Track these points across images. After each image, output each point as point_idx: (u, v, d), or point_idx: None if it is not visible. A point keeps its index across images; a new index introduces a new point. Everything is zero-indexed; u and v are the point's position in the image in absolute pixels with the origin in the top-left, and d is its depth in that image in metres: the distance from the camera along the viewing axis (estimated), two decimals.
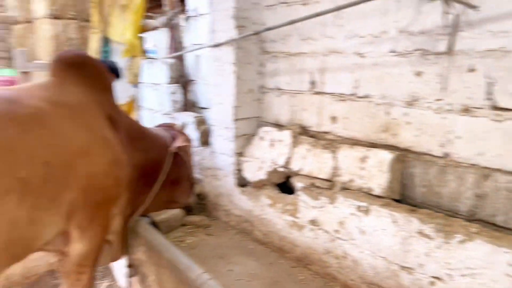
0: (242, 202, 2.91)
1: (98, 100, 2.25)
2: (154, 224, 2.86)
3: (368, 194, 2.13)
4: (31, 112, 1.95)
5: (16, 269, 3.07)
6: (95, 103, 2.23)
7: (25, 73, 4.23)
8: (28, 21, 5.15)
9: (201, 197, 3.35)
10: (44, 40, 4.75)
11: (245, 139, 2.97)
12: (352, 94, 2.40)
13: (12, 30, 5.36)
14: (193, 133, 3.26)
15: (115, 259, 2.66)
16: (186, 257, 2.25)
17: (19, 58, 4.19)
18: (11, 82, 4.35)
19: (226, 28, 2.88)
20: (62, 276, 2.26)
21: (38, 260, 3.17)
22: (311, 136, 2.64)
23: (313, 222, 2.38)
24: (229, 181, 3.03)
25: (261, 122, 3.04)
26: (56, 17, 4.65)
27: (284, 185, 2.72)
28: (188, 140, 2.91)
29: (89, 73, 2.30)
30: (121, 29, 4.25)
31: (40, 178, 1.87)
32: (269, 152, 2.75)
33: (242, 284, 2.29)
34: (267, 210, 2.70)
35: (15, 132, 1.83)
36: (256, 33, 2.64)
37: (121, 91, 3.66)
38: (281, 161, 2.64)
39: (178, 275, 2.19)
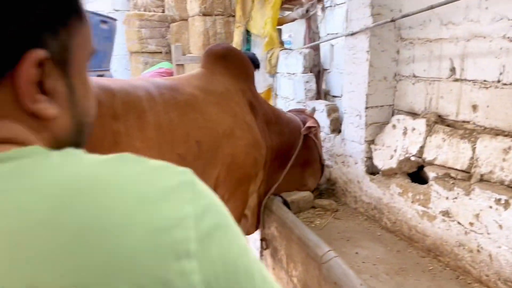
0: (372, 190, 2.94)
1: (241, 88, 2.51)
2: (286, 204, 3.07)
3: (509, 187, 2.00)
4: (187, 99, 2.30)
5: None
6: (239, 91, 2.50)
7: (180, 65, 4.83)
8: (183, 19, 5.83)
9: (331, 182, 3.46)
10: (196, 35, 5.34)
11: (376, 127, 2.98)
12: (496, 81, 2.24)
13: (170, 27, 6.13)
14: (324, 120, 3.38)
15: (249, 232, 2.94)
16: (315, 235, 2.40)
17: (175, 52, 4.80)
18: (169, 74, 5.00)
19: (362, 16, 2.91)
20: None
21: None
22: (448, 125, 2.54)
23: (446, 213, 2.31)
24: (359, 168, 3.08)
25: (394, 110, 3.01)
26: (205, 14, 5.17)
27: (415, 174, 2.67)
28: (317, 123, 3.03)
29: (234, 64, 2.58)
30: (261, 23, 4.56)
31: (193, 154, 2.20)
32: (401, 141, 2.73)
33: (368, 267, 2.35)
34: (397, 199, 2.69)
35: (175, 115, 2.18)
36: (393, 20, 2.62)
37: (260, 80, 3.97)
38: (414, 150, 2.60)
39: (307, 251, 2.35)
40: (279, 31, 4.86)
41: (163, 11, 6.38)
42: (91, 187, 0.40)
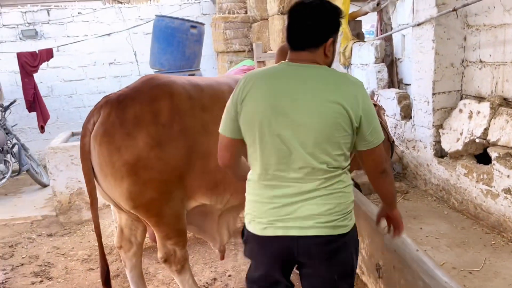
0: (440, 172, 3.09)
1: None
2: (356, 185, 3.33)
3: None
4: None
5: None
6: None
7: (261, 62, 5.25)
8: (264, 19, 6.25)
9: (403, 167, 3.64)
10: (275, 33, 5.73)
11: (444, 112, 3.12)
12: None
13: (252, 27, 6.61)
14: (394, 107, 3.57)
15: None
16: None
17: (256, 50, 5.24)
18: (251, 70, 5.47)
19: (427, 7, 3.06)
20: None
21: None
22: None
23: (508, 191, 2.43)
24: (428, 152, 3.24)
25: (462, 95, 3.12)
26: (284, 13, 5.53)
27: (482, 156, 2.79)
28: (379, 106, 3.21)
29: None
30: None
31: None
32: (467, 124, 2.85)
33: (430, 240, 2.56)
34: (462, 179, 2.83)
35: None
36: (454, 10, 2.76)
37: None
38: (478, 132, 2.73)
39: (371, 224, 2.62)
40: (359, 23, 5.08)
41: (246, 12, 6.86)
42: (341, 74, 1.56)
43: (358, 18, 5.15)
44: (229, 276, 3.27)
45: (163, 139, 2.29)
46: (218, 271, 3.37)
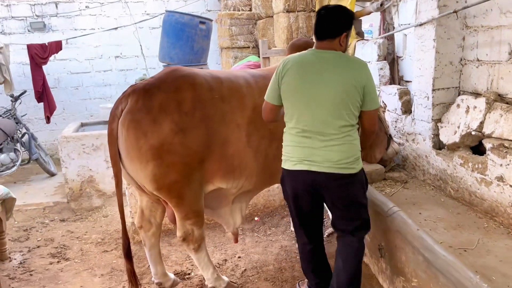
0: (437, 163, 3.31)
1: None
2: None
3: None
4: None
5: (260, 200, 4.26)
6: None
7: (266, 58, 5.45)
8: (269, 16, 6.44)
9: (403, 159, 3.86)
10: (280, 30, 5.92)
11: (442, 107, 3.34)
12: None
13: (257, 24, 6.80)
14: (395, 103, 3.78)
15: None
16: (382, 195, 2.88)
17: (261, 47, 5.43)
18: (256, 66, 5.64)
19: (429, 8, 3.28)
20: None
21: (275, 196, 4.29)
22: (507, 103, 2.85)
23: (500, 178, 2.65)
24: (427, 144, 3.45)
25: (460, 92, 3.34)
26: (289, 10, 5.72)
27: (476, 148, 3.01)
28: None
29: None
30: None
31: (282, 129, 2.80)
32: (464, 118, 3.07)
33: (428, 223, 2.77)
34: (459, 169, 3.05)
35: (260, 99, 2.79)
36: (455, 11, 2.97)
37: None
38: (475, 125, 2.94)
39: (374, 208, 2.84)
40: (359, 22, 5.27)
41: (251, 9, 7.04)
42: (351, 57, 2.32)
43: (359, 18, 5.35)
44: (239, 257, 3.49)
45: (186, 126, 2.49)
46: (228, 253, 3.58)
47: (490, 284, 2.03)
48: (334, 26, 2.24)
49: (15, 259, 3.75)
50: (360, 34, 5.06)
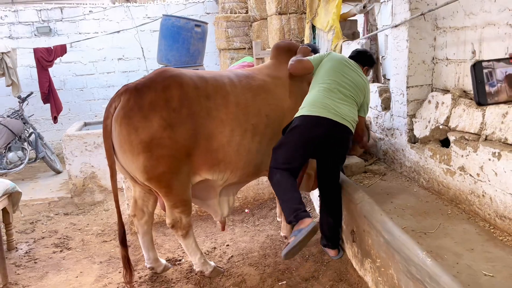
0: (412, 156, 3.53)
1: (302, 76, 3.28)
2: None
3: (503, 143, 2.53)
4: (259, 84, 3.14)
5: (250, 193, 4.50)
6: (298, 77, 3.27)
7: (259, 58, 5.69)
8: (263, 18, 6.69)
9: (383, 153, 4.08)
10: (273, 32, 6.17)
11: (416, 103, 3.55)
12: None
13: (252, 26, 7.04)
14: (376, 100, 4.00)
15: (312, 188, 3.67)
16: (354, 184, 3.11)
17: (255, 48, 5.68)
18: (250, 67, 5.90)
19: (402, 11, 3.49)
20: None
21: (264, 189, 4.53)
22: (471, 99, 3.06)
23: (462, 168, 2.87)
24: (403, 139, 3.67)
25: (433, 89, 3.56)
26: (281, 13, 5.97)
27: (446, 140, 3.22)
28: None
29: (295, 55, 3.35)
30: (325, 18, 5.22)
31: (264, 124, 3.04)
32: (434, 113, 3.29)
33: (397, 211, 3.00)
34: (429, 161, 3.27)
35: (249, 96, 3.03)
36: (422, 14, 3.19)
37: None
38: (442, 120, 3.16)
39: (348, 197, 3.07)
40: (354, 22, 5.51)
41: (247, 12, 7.29)
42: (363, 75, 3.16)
43: (354, 18, 5.57)
44: (227, 245, 3.73)
45: (173, 121, 2.72)
46: (217, 242, 3.83)
47: (440, 261, 2.26)
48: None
49: (21, 249, 4.03)
50: (356, 35, 5.30)
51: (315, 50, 3.64)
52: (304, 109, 2.87)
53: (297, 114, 2.89)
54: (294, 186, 2.78)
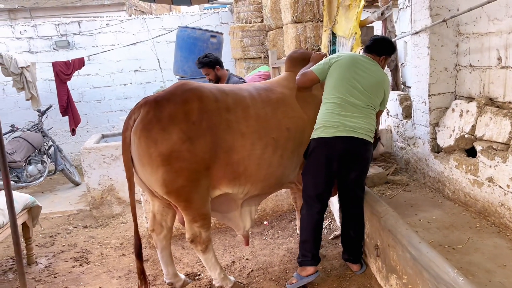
0: (436, 165, 3.43)
1: (318, 85, 3.21)
2: None
3: None
4: (278, 96, 3.09)
5: (269, 205, 4.43)
6: (315, 87, 3.21)
7: (276, 68, 5.65)
8: (278, 27, 6.66)
9: (405, 162, 3.97)
10: (289, 41, 6.13)
11: (439, 111, 3.45)
12: None
13: (268, 35, 7.02)
14: (396, 108, 3.91)
15: (332, 194, 3.56)
16: (377, 196, 3.02)
17: (271, 57, 5.64)
18: (267, 76, 5.87)
19: (423, 17, 3.41)
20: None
21: (283, 201, 4.46)
22: (498, 107, 2.95)
23: (490, 179, 2.76)
24: (426, 148, 3.57)
25: (456, 96, 3.45)
26: (297, 21, 5.92)
27: (471, 150, 3.11)
28: None
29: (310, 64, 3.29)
30: (346, 25, 5.16)
31: (285, 138, 2.98)
32: (458, 122, 3.19)
33: (423, 224, 2.90)
34: (454, 171, 3.16)
35: (269, 109, 2.98)
36: (444, 21, 3.10)
37: None
38: (467, 128, 3.06)
39: (370, 209, 2.99)
40: (371, 29, 5.42)
41: (262, 21, 7.28)
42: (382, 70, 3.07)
43: (371, 25, 5.49)
44: (247, 259, 3.67)
45: (193, 134, 2.68)
46: (236, 256, 3.76)
47: (472, 278, 2.16)
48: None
49: (41, 263, 4.04)
50: None
51: None
52: (318, 131, 2.89)
53: (312, 136, 2.93)
54: (314, 227, 2.96)
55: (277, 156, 2.95)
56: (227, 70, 4.62)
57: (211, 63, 4.39)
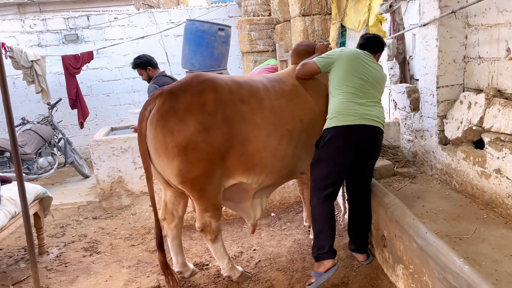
0: (443, 158, 3.43)
1: (326, 76, 3.22)
2: None
3: None
4: (291, 88, 3.11)
5: (276, 197, 4.47)
6: (324, 78, 3.22)
7: (283, 61, 5.66)
8: (286, 20, 6.65)
9: (413, 155, 3.98)
10: (297, 34, 6.12)
11: (447, 103, 3.45)
12: None
13: (275, 28, 7.02)
14: (404, 100, 3.91)
15: None
16: (384, 187, 3.04)
17: (278, 50, 5.64)
18: (274, 69, 5.87)
19: (431, 9, 3.40)
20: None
21: (290, 193, 4.49)
22: (506, 98, 2.94)
23: (498, 170, 2.76)
24: (433, 140, 3.57)
25: (464, 88, 3.45)
26: (305, 14, 5.92)
27: (479, 142, 3.11)
28: None
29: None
30: (355, 18, 5.14)
31: (298, 130, 3.01)
32: (466, 113, 3.18)
33: (430, 215, 2.91)
34: (462, 163, 3.16)
35: (283, 101, 3.00)
36: (453, 12, 3.09)
37: None
38: (475, 120, 3.05)
39: (377, 200, 3.01)
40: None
41: (269, 15, 7.27)
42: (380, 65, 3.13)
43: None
44: (254, 250, 3.71)
45: (209, 125, 2.71)
46: (244, 246, 3.81)
47: (478, 268, 2.18)
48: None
49: (52, 253, 4.11)
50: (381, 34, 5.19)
51: None
52: (334, 119, 2.85)
53: (327, 125, 2.88)
54: (327, 215, 2.87)
55: (292, 148, 2.98)
56: (163, 71, 4.90)
57: (142, 64, 4.65)
